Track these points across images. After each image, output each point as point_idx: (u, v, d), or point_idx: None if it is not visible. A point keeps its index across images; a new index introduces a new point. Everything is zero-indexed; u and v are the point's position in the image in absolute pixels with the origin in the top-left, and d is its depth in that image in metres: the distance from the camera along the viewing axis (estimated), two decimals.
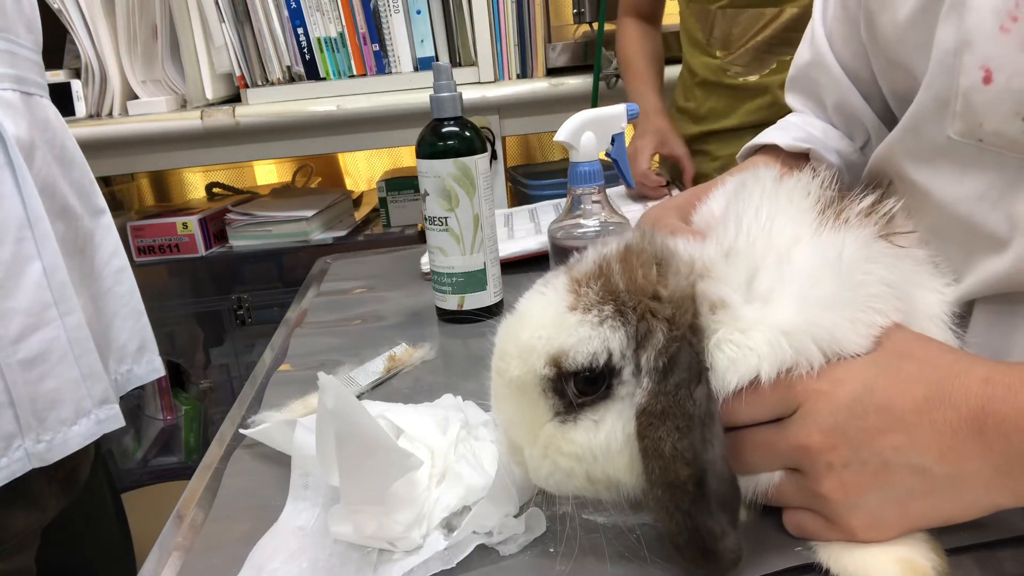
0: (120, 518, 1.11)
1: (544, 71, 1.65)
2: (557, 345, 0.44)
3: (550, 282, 0.48)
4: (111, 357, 0.95)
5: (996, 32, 0.41)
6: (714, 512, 0.41)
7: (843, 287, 0.44)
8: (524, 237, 1.10)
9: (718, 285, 0.44)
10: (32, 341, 0.77)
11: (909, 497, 0.41)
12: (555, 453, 0.45)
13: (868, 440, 0.40)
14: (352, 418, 0.46)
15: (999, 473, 0.39)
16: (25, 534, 0.82)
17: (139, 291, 1.00)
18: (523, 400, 0.46)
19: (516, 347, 0.46)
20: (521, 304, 0.49)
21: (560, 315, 0.45)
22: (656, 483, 0.41)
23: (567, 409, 0.45)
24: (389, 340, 0.82)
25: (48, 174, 0.84)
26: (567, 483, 0.46)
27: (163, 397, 1.90)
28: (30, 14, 0.88)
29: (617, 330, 0.43)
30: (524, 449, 0.47)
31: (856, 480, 0.41)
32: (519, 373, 0.45)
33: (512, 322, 0.48)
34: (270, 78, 1.61)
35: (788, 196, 0.51)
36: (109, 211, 0.97)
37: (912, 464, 0.40)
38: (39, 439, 0.78)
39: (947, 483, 0.40)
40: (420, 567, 0.46)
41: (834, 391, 0.41)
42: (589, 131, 0.81)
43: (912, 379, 0.41)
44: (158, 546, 0.53)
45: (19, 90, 0.83)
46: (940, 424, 0.39)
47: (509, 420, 0.48)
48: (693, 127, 1.32)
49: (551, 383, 0.45)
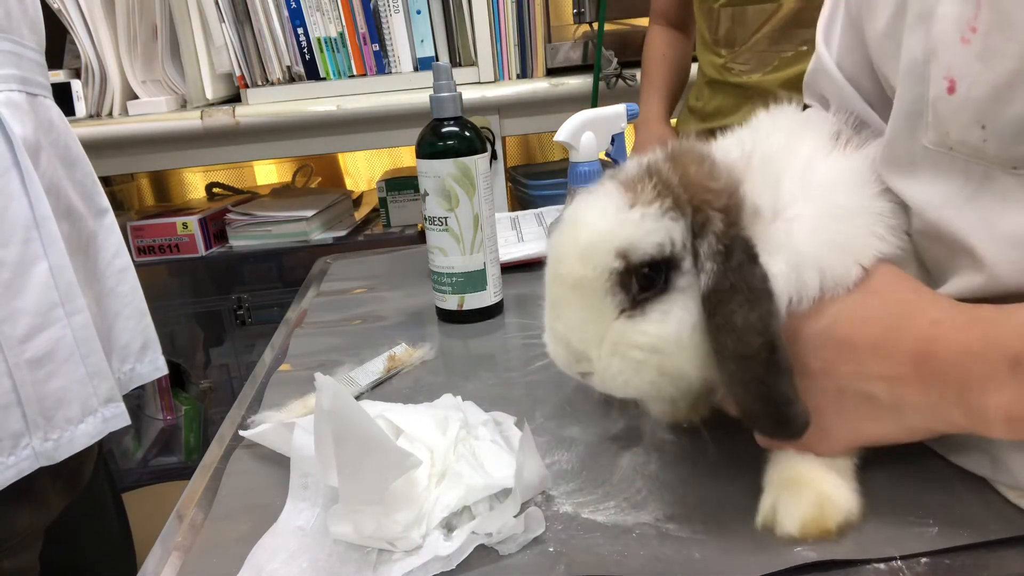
0: (121, 516, 1.11)
1: (544, 71, 1.65)
2: (624, 237, 0.45)
3: (598, 190, 0.48)
4: (114, 356, 0.95)
5: (957, 42, 0.42)
6: (785, 378, 0.44)
7: (862, 197, 0.48)
8: (532, 240, 1.11)
9: (752, 189, 0.47)
10: (39, 341, 0.78)
11: (858, 419, 0.47)
12: (626, 348, 0.46)
13: (826, 368, 0.46)
14: (350, 418, 0.46)
15: (935, 406, 0.43)
16: (29, 532, 0.83)
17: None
18: (587, 302, 0.47)
19: (579, 247, 0.47)
20: (571, 213, 0.49)
21: (620, 211, 0.46)
22: (730, 357, 0.44)
23: (632, 304, 0.46)
24: (389, 340, 0.82)
25: (53, 175, 0.85)
26: (636, 379, 0.47)
27: (163, 397, 1.90)
28: (33, 15, 0.88)
29: (677, 221, 0.45)
30: (591, 351, 0.48)
31: (815, 402, 0.46)
32: (584, 272, 0.46)
33: (568, 227, 0.48)
34: (270, 78, 1.61)
35: (804, 119, 0.54)
36: (112, 211, 0.97)
37: (863, 391, 0.45)
38: (46, 438, 0.78)
39: (892, 410, 0.45)
40: (420, 569, 0.46)
41: (802, 326, 0.46)
42: (589, 131, 0.81)
43: (871, 317, 0.45)
44: (158, 546, 0.53)
45: (24, 91, 0.83)
46: (888, 359, 0.44)
47: (572, 326, 0.48)
48: (700, 125, 1.32)
49: (619, 277, 0.46)
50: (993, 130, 0.42)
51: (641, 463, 0.56)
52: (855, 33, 0.60)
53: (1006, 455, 0.46)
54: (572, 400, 0.67)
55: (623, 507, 0.51)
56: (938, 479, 0.50)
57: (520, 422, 0.60)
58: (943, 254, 0.49)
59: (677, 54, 1.39)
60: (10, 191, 0.77)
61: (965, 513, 0.47)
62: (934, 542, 0.44)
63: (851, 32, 0.60)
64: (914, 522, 0.46)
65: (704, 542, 0.47)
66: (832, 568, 0.44)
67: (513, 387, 0.71)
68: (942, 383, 0.42)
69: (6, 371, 0.75)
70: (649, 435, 0.60)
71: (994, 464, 0.48)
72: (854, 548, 0.44)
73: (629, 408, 0.63)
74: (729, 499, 0.51)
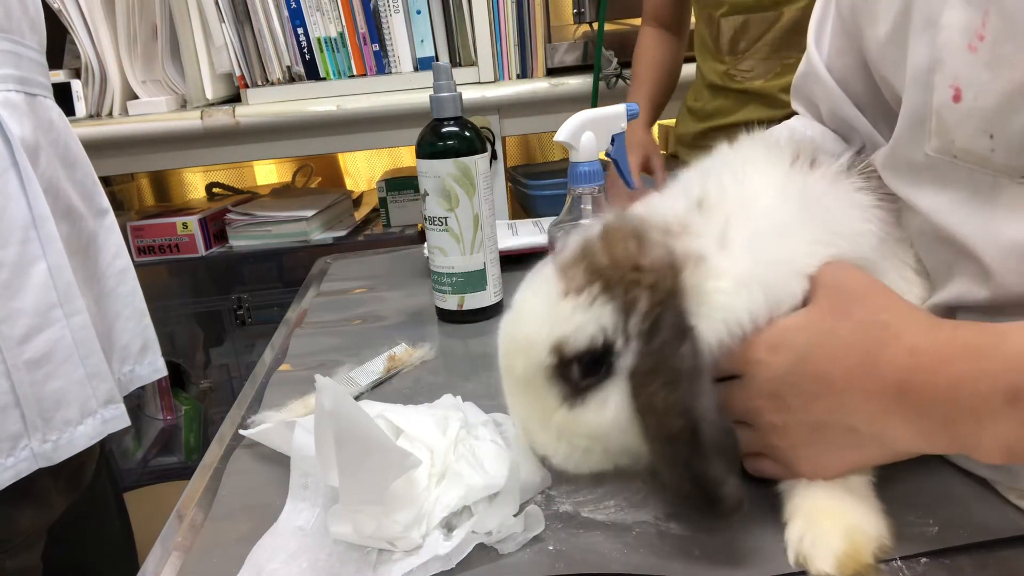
0: (122, 516, 1.11)
1: (544, 71, 1.65)
2: (557, 334, 0.46)
3: (539, 273, 0.50)
4: (114, 357, 0.95)
5: (964, 50, 0.42)
6: (711, 460, 0.42)
7: (801, 211, 0.47)
8: (527, 235, 1.11)
9: (695, 240, 0.47)
10: (38, 342, 0.77)
11: (842, 449, 0.46)
12: (570, 436, 0.48)
13: (804, 404, 0.45)
14: (350, 418, 0.46)
15: (921, 436, 0.42)
16: (32, 532, 0.83)
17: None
18: (532, 393, 0.48)
19: (517, 344, 0.48)
20: (516, 301, 0.50)
21: (553, 304, 0.47)
22: (655, 438, 0.44)
23: (574, 393, 0.47)
24: (389, 340, 0.82)
25: (53, 175, 0.84)
26: (586, 461, 0.49)
27: (163, 397, 1.90)
28: (34, 15, 0.88)
29: (606, 305, 0.45)
30: (541, 437, 0.50)
31: (797, 435, 0.46)
32: (524, 367, 0.48)
33: (510, 320, 0.50)
34: (270, 78, 1.61)
35: (765, 148, 0.54)
36: (112, 211, 0.97)
37: (844, 424, 0.44)
38: (45, 439, 0.78)
39: (875, 441, 0.45)
40: (420, 568, 0.46)
41: (771, 360, 0.45)
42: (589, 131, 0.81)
43: (844, 346, 0.43)
44: (158, 546, 0.53)
45: (23, 91, 0.83)
46: (867, 392, 0.42)
47: (522, 415, 0.51)
48: (698, 124, 1.33)
49: (556, 371, 0.47)
50: (1001, 139, 0.41)
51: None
52: (847, 37, 0.59)
53: None
54: None
55: (623, 506, 0.51)
56: (938, 479, 0.50)
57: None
58: (947, 257, 0.49)
59: (667, 57, 1.39)
60: (8, 191, 0.77)
61: (965, 513, 0.47)
62: (934, 542, 0.44)
63: (843, 36, 0.60)
64: (914, 522, 0.46)
65: (704, 541, 0.46)
66: None
67: None
68: (928, 416, 0.40)
69: (4, 372, 0.75)
70: None
71: (994, 468, 0.48)
72: None
73: None
74: None
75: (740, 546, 0.46)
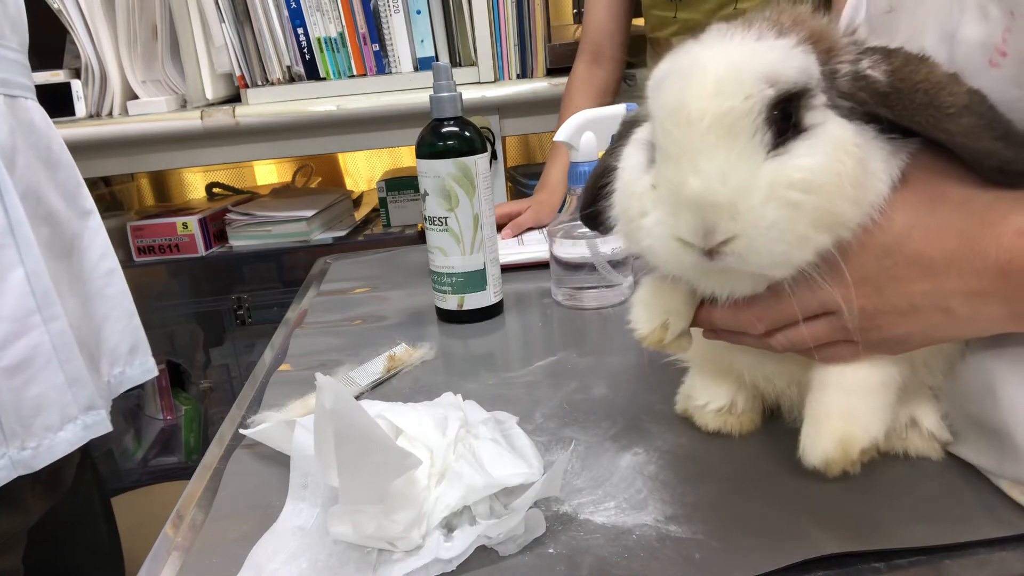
0: (108, 520, 1.10)
1: (544, 71, 1.65)
2: (770, 63, 0.42)
3: (720, 32, 0.45)
4: (103, 359, 0.94)
5: (986, 67, 0.42)
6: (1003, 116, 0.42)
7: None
8: (533, 244, 1.12)
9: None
10: (16, 348, 0.76)
11: (932, 329, 0.46)
12: (783, 189, 0.41)
13: (899, 289, 0.44)
14: (350, 418, 0.46)
15: (1014, 317, 0.42)
16: (9, 536, 0.82)
17: (134, 292, 0.99)
18: (732, 143, 0.41)
19: (719, 78, 0.41)
20: (680, 59, 0.44)
21: (755, 41, 0.43)
22: (954, 115, 0.41)
23: (780, 142, 0.42)
24: (389, 340, 0.82)
25: (32, 179, 0.83)
26: (790, 231, 0.42)
27: (163, 397, 1.90)
28: (15, 14, 0.86)
29: (809, 54, 0.43)
30: (740, 202, 0.41)
31: (887, 320, 0.45)
32: (730, 104, 0.41)
33: (687, 70, 0.43)
34: (270, 78, 1.61)
35: None
36: (97, 212, 0.96)
37: (938, 306, 0.44)
38: (24, 446, 0.77)
39: (967, 321, 0.44)
40: (420, 570, 0.46)
41: (869, 240, 0.44)
42: (589, 131, 0.81)
43: (944, 227, 0.43)
44: (158, 546, 0.53)
45: (2, 93, 0.82)
46: (967, 272, 0.42)
47: (712, 176, 0.42)
48: None
49: (769, 109, 0.41)
50: None
51: (641, 463, 0.56)
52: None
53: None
54: (572, 400, 0.67)
55: (623, 507, 0.51)
56: (938, 477, 0.50)
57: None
58: None
59: (601, 86, 1.39)
60: None
61: (965, 513, 0.47)
62: (932, 541, 0.44)
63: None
64: (912, 521, 0.46)
65: (704, 542, 0.47)
66: (832, 566, 0.44)
67: (513, 387, 0.71)
68: None
69: None
70: (649, 435, 0.60)
71: (1000, 455, 0.47)
72: (853, 546, 0.44)
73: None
74: (729, 499, 0.51)
75: (740, 547, 0.46)
